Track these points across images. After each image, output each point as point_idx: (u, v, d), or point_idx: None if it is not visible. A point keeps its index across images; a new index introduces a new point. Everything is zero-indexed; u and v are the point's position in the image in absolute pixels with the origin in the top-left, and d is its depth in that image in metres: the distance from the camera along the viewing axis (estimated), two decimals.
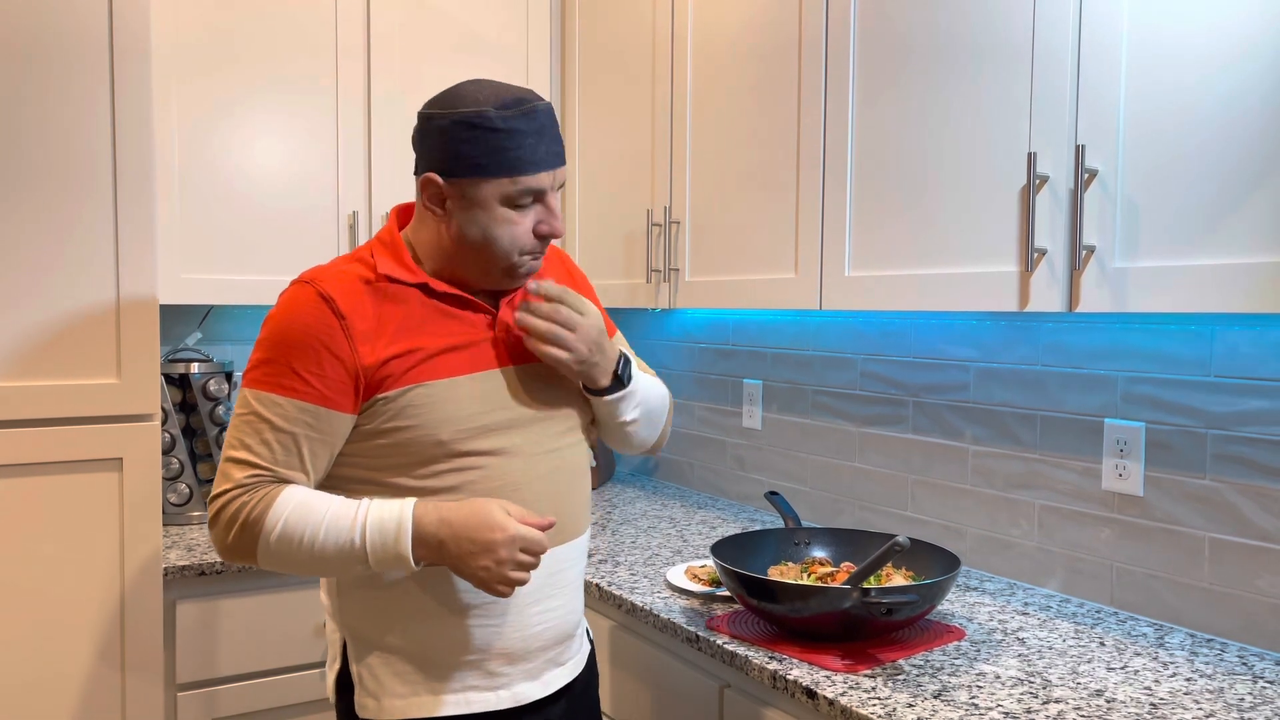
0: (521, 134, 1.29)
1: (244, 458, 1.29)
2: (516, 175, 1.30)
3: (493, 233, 1.32)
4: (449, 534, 1.25)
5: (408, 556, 1.25)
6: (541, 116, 1.31)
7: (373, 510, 1.26)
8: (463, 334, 1.35)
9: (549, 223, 1.34)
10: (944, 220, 1.66)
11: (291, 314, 1.30)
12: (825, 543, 1.86)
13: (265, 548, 1.27)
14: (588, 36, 2.62)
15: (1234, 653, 1.56)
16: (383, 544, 1.25)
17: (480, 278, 1.37)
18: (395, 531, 1.25)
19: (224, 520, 1.29)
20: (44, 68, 1.74)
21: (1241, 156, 1.27)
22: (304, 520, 1.26)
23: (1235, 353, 1.60)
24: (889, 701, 1.35)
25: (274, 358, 1.29)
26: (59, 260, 1.77)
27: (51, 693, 1.80)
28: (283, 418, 1.28)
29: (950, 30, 1.64)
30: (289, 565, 1.29)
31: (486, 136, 1.29)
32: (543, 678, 1.41)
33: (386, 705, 1.35)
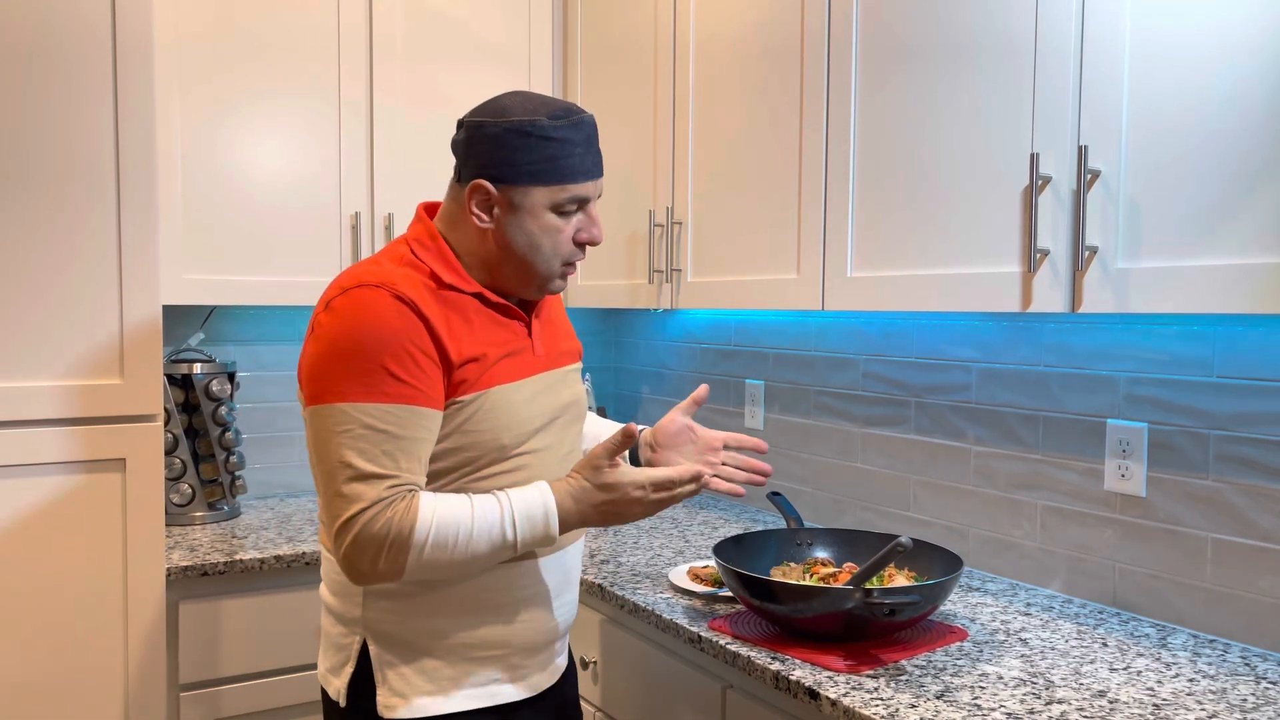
0: (572, 143, 1.34)
1: (373, 471, 1.24)
2: (567, 183, 1.34)
3: (538, 240, 1.36)
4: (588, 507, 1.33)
5: (556, 538, 1.33)
6: (587, 127, 1.36)
7: (515, 503, 1.30)
8: (511, 341, 1.40)
9: (589, 231, 1.39)
10: (946, 221, 1.65)
11: (375, 318, 1.26)
12: (827, 543, 1.86)
13: (416, 560, 1.25)
14: (590, 37, 2.62)
15: (1236, 653, 1.56)
16: (532, 533, 1.30)
17: (516, 286, 1.40)
18: (544, 519, 1.30)
19: (367, 541, 1.23)
20: (48, 70, 1.75)
21: (1244, 157, 1.27)
22: (454, 526, 1.26)
23: (1238, 353, 1.60)
24: (891, 702, 1.35)
25: (368, 366, 1.24)
26: (62, 261, 1.78)
27: (54, 693, 1.80)
28: (398, 424, 1.25)
29: (952, 30, 1.64)
30: (436, 572, 1.28)
31: (540, 145, 1.32)
32: (550, 668, 1.48)
33: (415, 704, 1.36)
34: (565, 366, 1.49)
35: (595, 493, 1.32)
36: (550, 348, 1.47)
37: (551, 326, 1.51)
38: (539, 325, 1.46)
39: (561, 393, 1.46)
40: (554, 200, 1.35)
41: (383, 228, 2.44)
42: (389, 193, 2.45)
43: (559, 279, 1.41)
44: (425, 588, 1.37)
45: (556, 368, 1.47)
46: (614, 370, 3.17)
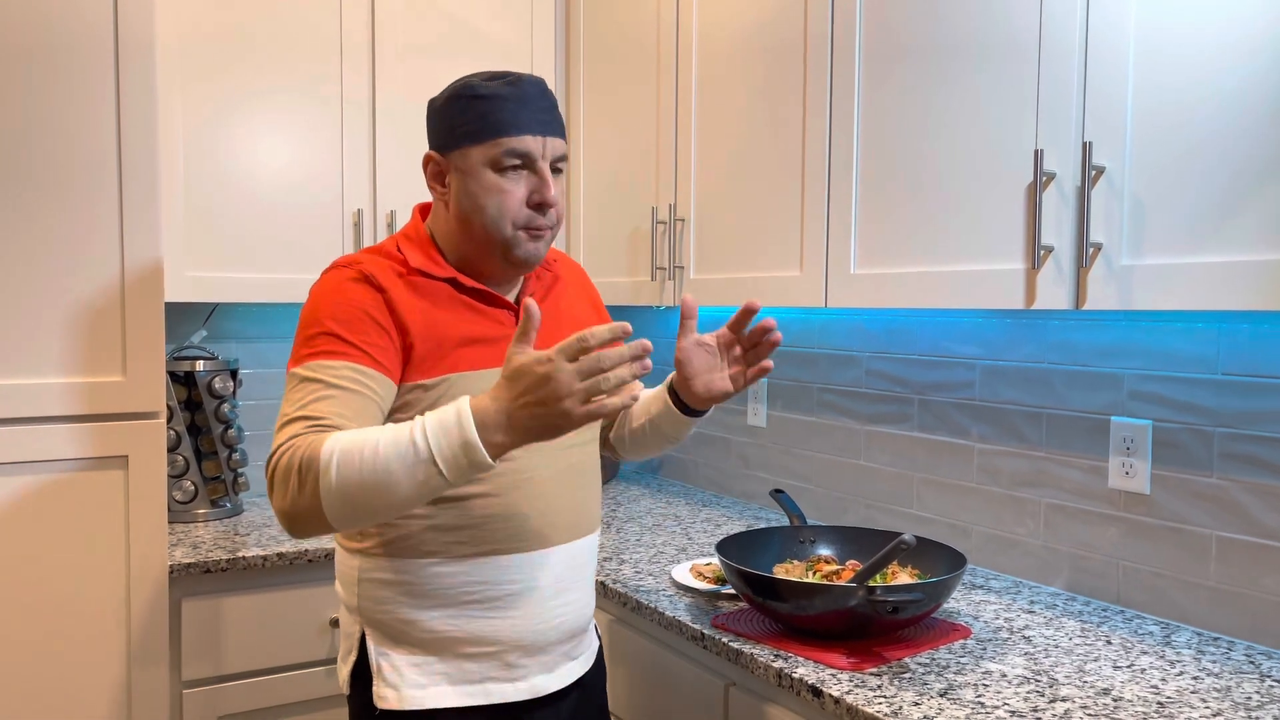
0: (503, 98, 1.33)
1: (295, 414, 1.22)
2: (498, 137, 1.32)
3: (481, 201, 1.34)
4: (507, 404, 1.11)
5: (477, 443, 1.10)
6: (526, 86, 1.35)
7: (429, 415, 1.14)
8: (489, 329, 1.38)
9: (541, 192, 1.34)
10: (950, 217, 1.65)
11: (333, 291, 1.31)
12: (830, 541, 1.85)
13: (328, 490, 1.13)
14: (592, 35, 2.62)
15: (1241, 651, 1.55)
16: (448, 440, 1.11)
17: (485, 259, 1.39)
18: (456, 423, 1.11)
19: (280, 477, 1.18)
20: (50, 68, 1.75)
21: (1249, 153, 1.26)
22: (359, 445, 1.13)
23: (1242, 350, 1.59)
24: (895, 700, 1.35)
25: (318, 332, 1.28)
26: (64, 258, 1.78)
27: (58, 690, 1.80)
28: (334, 377, 1.25)
29: (956, 26, 1.63)
30: (358, 505, 1.14)
31: (472, 105, 1.34)
32: (558, 670, 1.45)
33: (406, 696, 1.36)
34: None
35: (507, 386, 1.11)
36: (549, 339, 1.45)
37: (560, 317, 1.48)
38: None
39: None
40: (489, 157, 1.33)
41: (385, 225, 2.44)
42: (391, 190, 2.44)
43: (521, 246, 1.35)
44: (412, 579, 1.35)
45: None
46: None
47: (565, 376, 1.08)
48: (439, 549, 1.35)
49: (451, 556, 1.35)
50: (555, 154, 1.36)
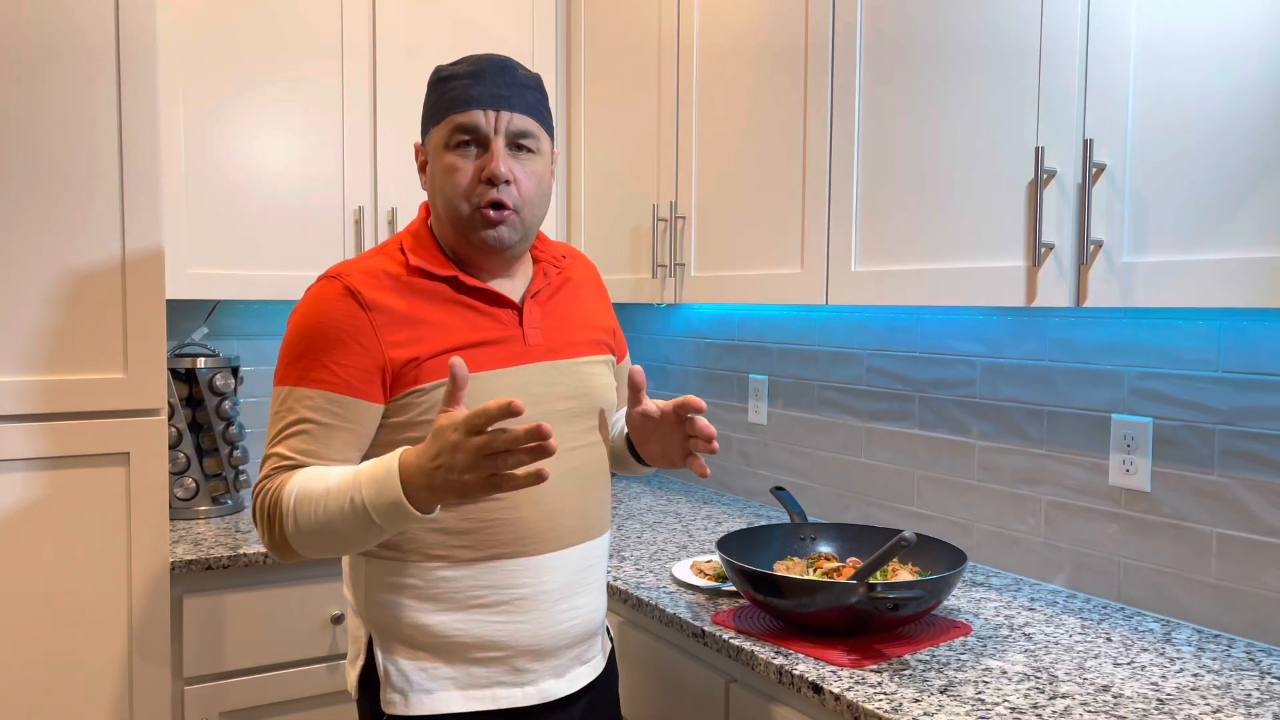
0: (458, 78, 1.34)
1: (272, 451, 1.31)
2: (451, 114, 1.34)
3: (440, 182, 1.36)
4: (426, 464, 1.13)
5: (403, 502, 1.14)
6: (484, 63, 1.35)
7: (364, 468, 1.20)
8: (491, 329, 1.36)
9: (488, 166, 1.32)
10: (951, 215, 1.65)
11: (318, 308, 1.31)
12: (831, 538, 1.85)
13: (293, 533, 1.24)
14: (593, 32, 2.62)
15: (1241, 648, 1.55)
16: (381, 500, 1.16)
17: (465, 248, 1.38)
18: (385, 478, 1.16)
19: (258, 519, 1.29)
20: (51, 66, 1.75)
21: (1250, 150, 1.26)
22: (310, 497, 1.22)
23: (1243, 348, 1.59)
24: (895, 696, 1.35)
25: (302, 352, 1.30)
26: (66, 256, 1.78)
27: (60, 687, 1.80)
28: (312, 409, 1.29)
29: (957, 24, 1.63)
30: (321, 547, 1.23)
31: (435, 88, 1.36)
32: (568, 675, 1.42)
33: (413, 701, 1.35)
34: (574, 358, 1.43)
35: (428, 444, 1.14)
36: (554, 338, 1.42)
37: (566, 315, 1.46)
38: (538, 314, 1.42)
39: (562, 386, 1.40)
40: (446, 137, 1.34)
41: (386, 222, 2.44)
42: (392, 188, 2.44)
43: (479, 227, 1.33)
44: (420, 583, 1.35)
45: (559, 359, 1.41)
46: None
47: (466, 450, 1.09)
48: (445, 553, 1.34)
49: (458, 561, 1.34)
50: (514, 129, 1.33)
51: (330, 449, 1.30)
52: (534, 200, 1.37)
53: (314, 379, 1.29)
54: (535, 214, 1.38)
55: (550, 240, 1.54)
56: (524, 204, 1.35)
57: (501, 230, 1.34)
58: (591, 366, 1.46)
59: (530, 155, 1.36)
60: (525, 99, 1.35)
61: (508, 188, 1.33)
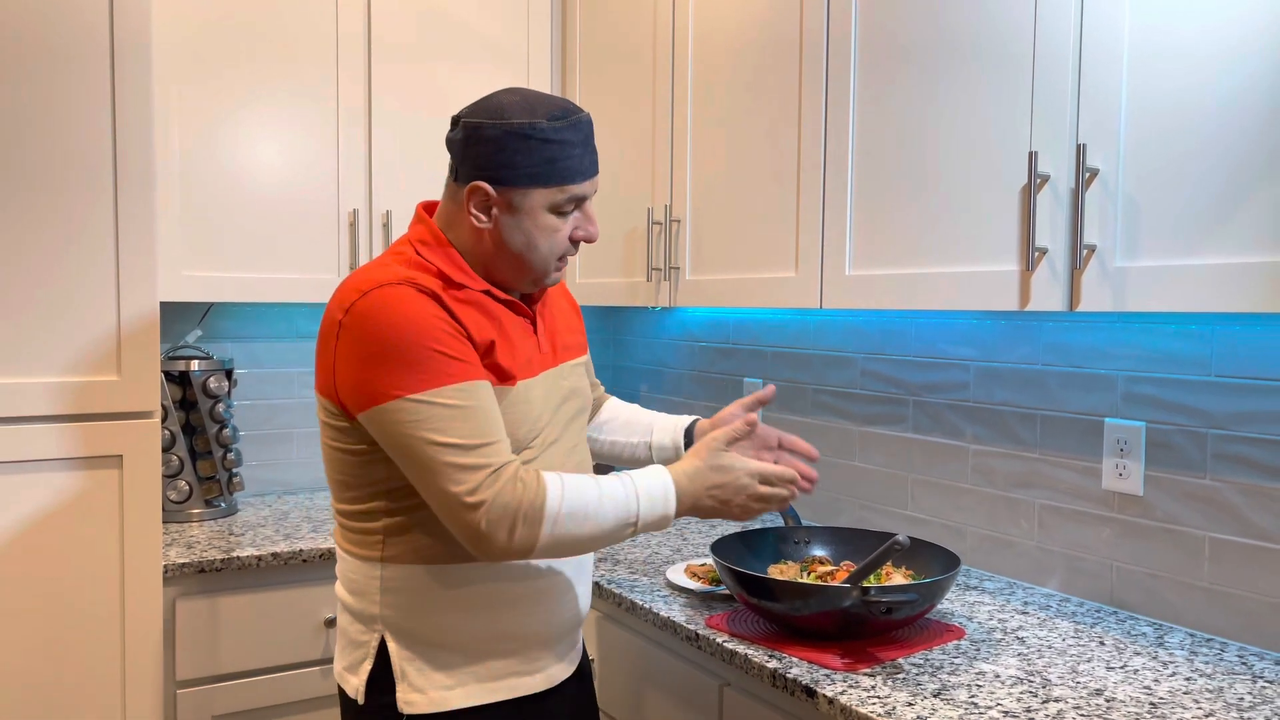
0: (571, 144, 1.34)
1: (474, 443, 1.24)
2: (566, 184, 1.35)
3: (536, 240, 1.37)
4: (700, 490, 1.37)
5: (672, 519, 1.36)
6: (585, 127, 1.37)
7: (638, 480, 1.34)
8: (519, 338, 1.40)
9: (585, 229, 1.40)
10: (945, 219, 1.65)
11: (408, 311, 1.26)
12: (825, 541, 1.86)
13: (550, 533, 1.27)
14: (588, 35, 2.62)
15: (1233, 652, 1.56)
16: (653, 510, 1.33)
17: (512, 281, 1.42)
18: (663, 497, 1.34)
19: (501, 514, 1.24)
20: (45, 67, 1.74)
21: (1243, 156, 1.27)
22: (584, 499, 1.29)
23: (1236, 352, 1.60)
24: (888, 700, 1.35)
25: (419, 356, 1.24)
26: (59, 257, 1.77)
27: (52, 690, 1.80)
28: (470, 398, 1.26)
29: (951, 29, 1.64)
30: (565, 547, 1.30)
31: (540, 147, 1.32)
32: (567, 658, 1.49)
33: (434, 698, 1.37)
34: (569, 361, 1.51)
35: (710, 474, 1.37)
36: (553, 342, 1.48)
37: (554, 321, 1.52)
38: (542, 320, 1.48)
39: (565, 387, 1.47)
40: (553, 201, 1.35)
41: (380, 225, 2.44)
42: (387, 191, 2.44)
43: (552, 275, 1.42)
44: (442, 584, 1.36)
45: (561, 362, 1.48)
46: (612, 368, 3.17)
47: (754, 494, 1.39)
48: (467, 555, 1.37)
49: (479, 560, 1.37)
50: (596, 188, 1.42)
51: (499, 429, 1.29)
52: None
53: (449, 374, 1.25)
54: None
55: None
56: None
57: (563, 273, 1.45)
58: (580, 367, 1.54)
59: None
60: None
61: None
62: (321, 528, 2.29)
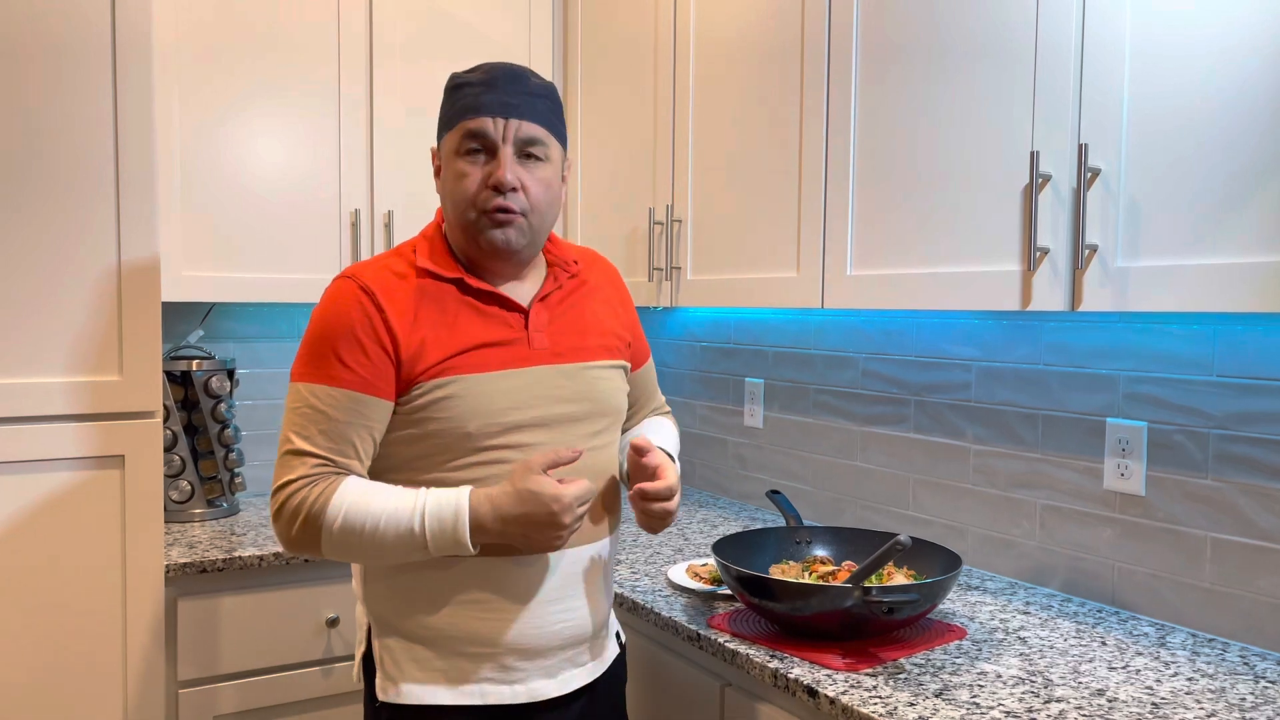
0: (471, 85, 1.37)
1: (304, 448, 1.32)
2: (462, 121, 1.36)
3: (450, 187, 1.38)
4: (506, 526, 1.29)
5: (466, 543, 1.29)
6: (497, 71, 1.37)
7: (429, 500, 1.30)
8: (496, 331, 1.38)
9: (494, 174, 1.35)
10: (946, 219, 1.65)
11: (334, 307, 1.35)
12: (826, 541, 1.85)
13: (329, 539, 1.30)
14: (590, 35, 2.62)
15: (1235, 653, 1.56)
16: (441, 532, 1.29)
17: (473, 251, 1.40)
18: (454, 522, 1.29)
19: (287, 514, 1.31)
20: (47, 67, 1.74)
21: (1245, 155, 1.27)
22: (364, 512, 1.29)
23: (1238, 352, 1.60)
24: (890, 700, 1.35)
25: (321, 350, 1.34)
26: (61, 257, 1.77)
27: (53, 690, 1.80)
28: (334, 407, 1.32)
29: (953, 29, 1.64)
30: (351, 554, 1.31)
31: (450, 95, 1.39)
32: (559, 676, 1.42)
33: (404, 690, 1.38)
34: (582, 362, 1.43)
35: (514, 501, 1.29)
36: (562, 341, 1.42)
37: (574, 320, 1.45)
38: (545, 317, 1.42)
39: (566, 390, 1.40)
40: (456, 144, 1.37)
41: (382, 225, 2.44)
42: (388, 190, 2.44)
43: (485, 231, 1.36)
44: (415, 576, 1.37)
45: (565, 362, 1.41)
46: None
47: (558, 526, 1.29)
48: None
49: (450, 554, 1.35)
50: (522, 137, 1.36)
51: (348, 445, 1.33)
52: (542, 206, 1.39)
53: (331, 376, 1.33)
54: (544, 220, 1.41)
55: (566, 244, 1.55)
56: (532, 210, 1.37)
57: (509, 232, 1.36)
58: (600, 371, 1.46)
59: (539, 163, 1.38)
60: (535, 107, 1.37)
61: (515, 194, 1.36)
62: None
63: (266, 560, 2.07)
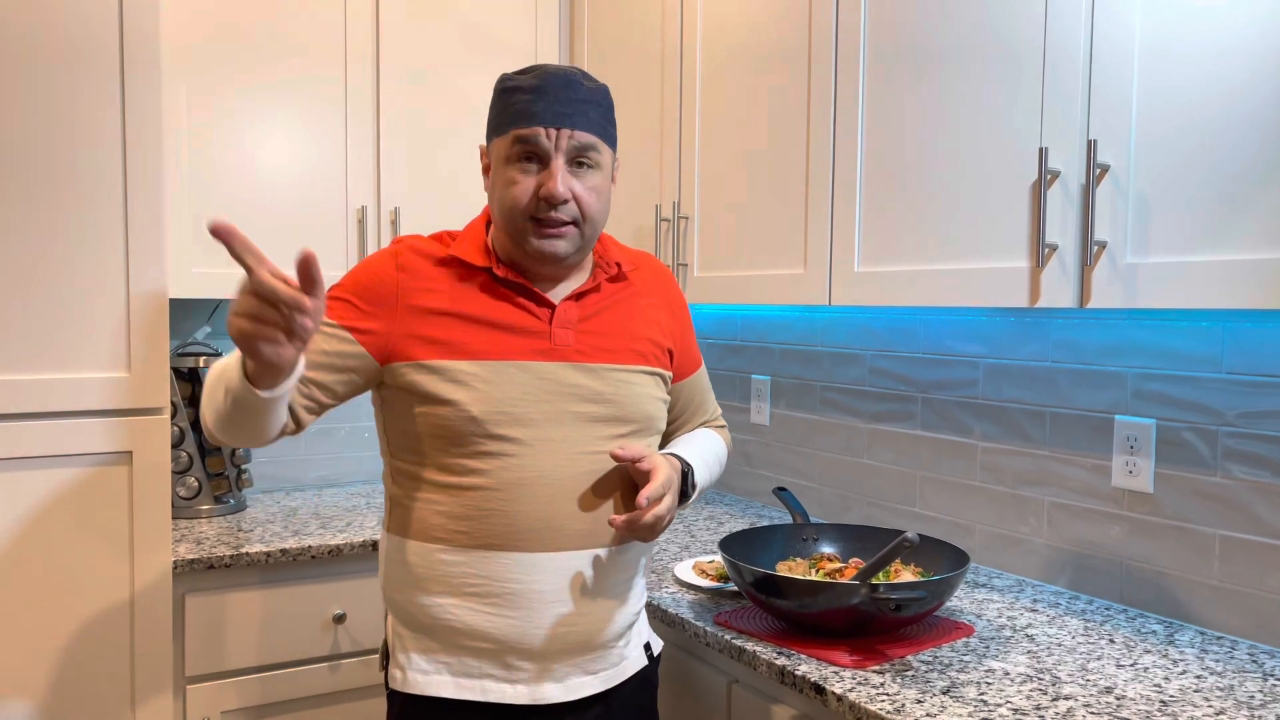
0: (521, 90, 1.35)
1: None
2: (513, 129, 1.35)
3: (499, 193, 1.38)
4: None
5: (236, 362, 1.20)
6: (549, 78, 1.35)
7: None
8: (520, 322, 1.39)
9: (546, 185, 1.33)
10: (954, 216, 1.65)
11: (365, 261, 1.43)
12: (834, 539, 1.85)
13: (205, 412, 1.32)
14: (596, 32, 2.62)
15: (1244, 650, 1.55)
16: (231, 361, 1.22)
17: (513, 250, 1.40)
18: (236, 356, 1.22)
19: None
20: (55, 66, 1.75)
21: (1254, 152, 1.26)
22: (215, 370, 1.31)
23: (1247, 349, 1.59)
24: (897, 697, 1.35)
25: (335, 293, 1.41)
26: (70, 255, 1.78)
27: (61, 685, 1.80)
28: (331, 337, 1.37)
29: (962, 24, 1.63)
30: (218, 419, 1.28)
31: (500, 99, 1.38)
32: (568, 682, 1.40)
33: (410, 679, 1.39)
34: (609, 364, 1.40)
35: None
36: (590, 341, 1.40)
37: (611, 322, 1.43)
38: (575, 314, 1.40)
39: (585, 389, 1.38)
40: (507, 150, 1.36)
41: (389, 222, 2.44)
42: (395, 187, 2.44)
43: (530, 240, 1.36)
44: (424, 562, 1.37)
45: (589, 362, 1.39)
46: None
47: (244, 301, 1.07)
48: (446, 536, 1.36)
49: (456, 545, 1.36)
50: (575, 146, 1.34)
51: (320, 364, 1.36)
52: (594, 214, 1.39)
53: (332, 310, 1.38)
54: (595, 227, 1.40)
55: (619, 246, 1.53)
56: (585, 220, 1.37)
57: (558, 244, 1.37)
58: (629, 375, 1.42)
59: (590, 170, 1.37)
60: (587, 115, 1.36)
61: (566, 205, 1.35)
62: (330, 524, 2.30)
63: (274, 556, 2.07)
